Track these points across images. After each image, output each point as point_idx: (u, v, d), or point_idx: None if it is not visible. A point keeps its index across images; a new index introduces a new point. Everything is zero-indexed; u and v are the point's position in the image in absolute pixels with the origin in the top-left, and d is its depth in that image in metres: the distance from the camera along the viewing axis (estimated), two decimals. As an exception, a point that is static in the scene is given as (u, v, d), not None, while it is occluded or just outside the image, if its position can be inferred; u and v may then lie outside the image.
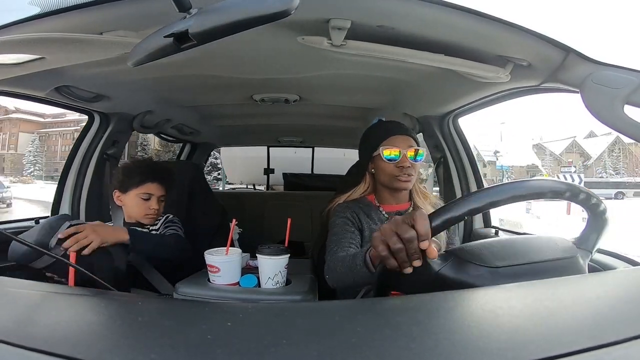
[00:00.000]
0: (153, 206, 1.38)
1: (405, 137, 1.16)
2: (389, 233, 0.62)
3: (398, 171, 1.12)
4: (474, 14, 0.80)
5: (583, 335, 0.35)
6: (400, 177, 1.12)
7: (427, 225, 0.61)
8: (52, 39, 0.83)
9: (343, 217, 1.14)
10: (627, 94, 0.76)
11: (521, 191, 0.65)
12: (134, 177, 1.39)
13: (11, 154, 11.10)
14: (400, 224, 0.61)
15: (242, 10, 0.49)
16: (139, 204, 1.38)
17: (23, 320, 0.41)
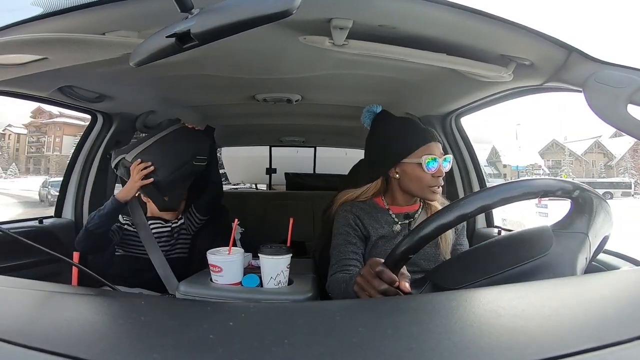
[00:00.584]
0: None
1: (438, 144, 1.10)
2: (367, 286, 0.72)
3: (434, 181, 1.07)
4: (476, 13, 0.80)
5: (585, 335, 0.35)
6: (434, 189, 1.08)
7: (389, 275, 0.68)
8: (55, 40, 0.84)
9: (345, 226, 1.11)
10: (631, 93, 0.76)
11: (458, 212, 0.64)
12: None
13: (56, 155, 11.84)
14: (371, 279, 0.71)
15: (243, 10, 0.49)
16: None
17: (26, 319, 0.41)
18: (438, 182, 1.08)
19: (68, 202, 1.78)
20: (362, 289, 0.74)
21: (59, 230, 1.68)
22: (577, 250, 0.68)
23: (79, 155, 1.78)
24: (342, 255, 1.08)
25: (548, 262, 0.65)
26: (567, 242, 0.68)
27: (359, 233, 1.11)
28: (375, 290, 0.70)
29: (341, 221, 1.12)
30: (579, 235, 0.69)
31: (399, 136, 1.11)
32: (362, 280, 0.74)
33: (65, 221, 1.75)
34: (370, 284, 0.71)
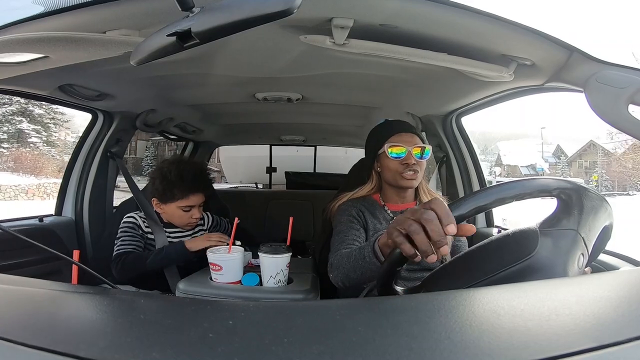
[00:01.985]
0: (195, 215, 1.38)
1: (410, 135, 1.16)
2: (404, 219, 0.56)
3: (403, 168, 1.12)
4: (477, 13, 0.80)
5: (585, 335, 0.35)
6: (404, 174, 1.12)
7: (447, 208, 0.56)
8: (56, 38, 0.84)
9: (348, 215, 1.13)
10: (632, 94, 0.76)
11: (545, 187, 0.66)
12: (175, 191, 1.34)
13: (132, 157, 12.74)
14: (416, 210, 0.56)
15: (244, 9, 0.49)
16: (181, 216, 1.37)
17: (25, 317, 0.41)
18: (407, 168, 1.12)
19: (68, 200, 1.78)
20: (394, 227, 0.58)
21: (59, 229, 1.68)
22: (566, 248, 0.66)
23: (79, 154, 1.78)
24: (345, 237, 1.07)
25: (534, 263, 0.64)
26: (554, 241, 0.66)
27: (361, 223, 1.14)
28: (414, 220, 0.55)
29: (343, 213, 1.15)
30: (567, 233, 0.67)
31: (376, 133, 1.22)
32: (401, 216, 0.59)
33: (65, 219, 1.76)
34: (414, 214, 0.56)
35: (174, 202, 1.35)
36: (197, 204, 1.37)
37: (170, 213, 1.38)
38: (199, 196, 1.37)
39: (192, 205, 1.36)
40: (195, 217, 1.38)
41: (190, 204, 1.36)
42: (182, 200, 1.35)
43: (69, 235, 1.72)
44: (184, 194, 1.34)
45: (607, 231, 0.73)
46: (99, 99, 1.53)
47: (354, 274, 0.88)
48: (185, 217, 1.37)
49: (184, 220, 1.39)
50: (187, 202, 1.35)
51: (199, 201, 1.37)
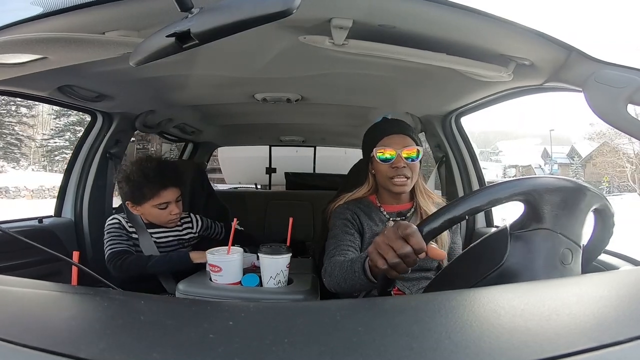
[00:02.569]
0: (174, 211, 1.33)
1: (401, 137, 1.12)
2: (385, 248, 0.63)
3: (393, 172, 1.09)
4: (476, 13, 0.80)
5: (585, 335, 0.35)
6: (394, 180, 1.09)
7: (419, 239, 0.62)
8: (55, 39, 0.84)
9: (343, 219, 1.12)
10: (630, 93, 0.76)
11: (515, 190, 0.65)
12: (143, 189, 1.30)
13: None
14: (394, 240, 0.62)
15: (243, 10, 0.49)
16: (159, 214, 1.33)
17: (25, 318, 0.41)
18: (397, 172, 1.09)
19: (68, 201, 1.78)
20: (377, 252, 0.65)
21: (58, 230, 1.68)
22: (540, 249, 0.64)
23: (79, 155, 1.78)
24: (340, 242, 1.06)
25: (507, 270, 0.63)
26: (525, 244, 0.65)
27: (356, 227, 1.12)
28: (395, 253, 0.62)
29: (338, 216, 1.14)
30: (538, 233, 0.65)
31: (369, 134, 1.19)
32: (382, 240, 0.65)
33: (65, 220, 1.75)
34: (390, 246, 0.62)
35: (146, 202, 1.30)
36: (172, 199, 1.32)
37: (148, 213, 1.34)
38: (171, 191, 1.32)
39: (166, 201, 1.31)
40: (174, 214, 1.33)
41: (163, 200, 1.31)
42: (154, 199, 1.30)
43: (69, 237, 1.72)
44: (153, 192, 1.29)
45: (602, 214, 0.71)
46: (98, 100, 1.53)
47: (344, 284, 0.89)
48: (164, 215, 1.33)
49: (164, 218, 1.34)
50: (159, 199, 1.30)
51: (173, 196, 1.32)
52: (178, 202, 1.35)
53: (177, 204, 1.35)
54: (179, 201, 1.36)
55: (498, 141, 26.51)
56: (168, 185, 1.31)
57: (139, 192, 1.30)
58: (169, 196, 1.32)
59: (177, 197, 1.35)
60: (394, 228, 0.64)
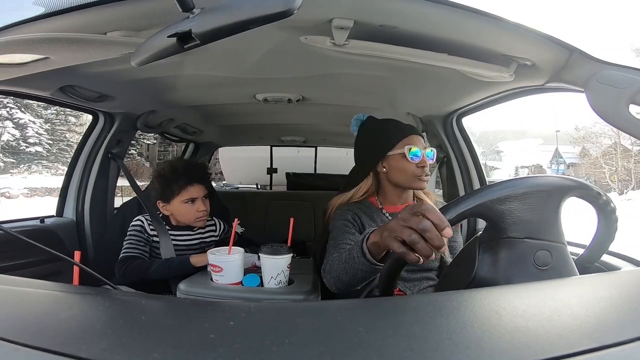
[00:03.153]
0: (201, 208, 1.37)
1: (419, 137, 1.16)
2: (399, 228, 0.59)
3: (419, 171, 1.11)
4: (477, 13, 0.80)
5: (586, 336, 0.35)
6: (422, 177, 1.12)
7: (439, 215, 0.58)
8: (56, 39, 0.84)
9: (343, 220, 1.12)
10: (632, 94, 0.76)
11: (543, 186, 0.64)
12: (172, 185, 1.36)
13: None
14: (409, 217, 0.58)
15: (245, 10, 0.49)
16: (187, 210, 1.37)
17: (27, 318, 0.41)
18: (423, 171, 1.12)
19: (69, 201, 1.78)
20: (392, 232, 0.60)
21: (60, 230, 1.68)
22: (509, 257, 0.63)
23: (81, 155, 1.78)
24: (339, 242, 1.05)
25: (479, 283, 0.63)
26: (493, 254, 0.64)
27: (356, 227, 1.12)
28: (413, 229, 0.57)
29: (339, 217, 1.14)
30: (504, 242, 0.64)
31: (383, 132, 1.19)
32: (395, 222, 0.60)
33: (66, 220, 1.76)
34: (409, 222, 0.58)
35: (175, 198, 1.37)
36: (199, 195, 1.38)
37: (177, 211, 1.39)
38: (198, 187, 1.38)
39: (193, 197, 1.37)
40: (201, 210, 1.37)
41: (190, 196, 1.36)
42: (182, 194, 1.36)
43: (70, 236, 1.73)
44: (181, 187, 1.36)
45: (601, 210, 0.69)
46: (99, 100, 1.53)
47: (345, 277, 0.87)
48: (191, 212, 1.37)
49: (191, 216, 1.38)
50: (187, 194, 1.36)
51: (200, 193, 1.38)
52: (205, 199, 1.41)
53: (204, 202, 1.40)
54: (206, 198, 1.41)
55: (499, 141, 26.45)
56: (194, 182, 1.38)
57: (169, 189, 1.37)
58: (196, 192, 1.37)
59: (204, 195, 1.40)
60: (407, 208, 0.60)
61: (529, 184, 0.64)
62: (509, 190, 0.63)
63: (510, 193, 0.63)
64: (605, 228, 0.72)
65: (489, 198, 0.63)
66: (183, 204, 1.37)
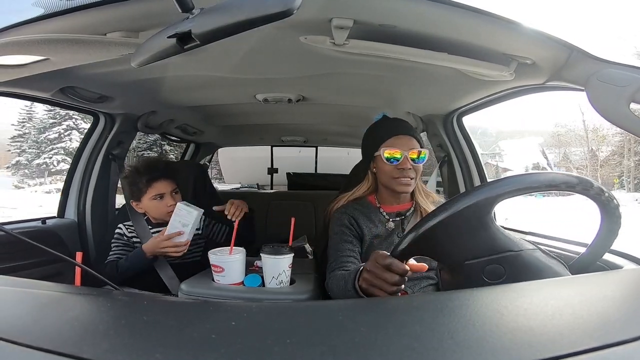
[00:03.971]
0: (169, 202, 1.40)
1: (407, 138, 1.12)
2: (379, 283, 0.70)
3: (398, 173, 1.09)
4: (477, 12, 0.80)
5: (588, 335, 0.35)
6: (400, 180, 1.09)
7: (399, 265, 0.68)
8: (56, 40, 0.84)
9: (340, 226, 1.12)
10: (633, 92, 0.76)
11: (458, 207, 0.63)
12: (138, 184, 1.41)
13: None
14: (382, 273, 0.69)
15: (244, 10, 0.49)
16: (156, 207, 1.41)
17: (29, 319, 0.41)
18: (402, 174, 1.09)
19: (70, 202, 1.79)
20: (371, 285, 0.72)
21: (61, 231, 1.69)
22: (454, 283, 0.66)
23: (82, 156, 1.79)
24: (339, 253, 1.07)
25: None
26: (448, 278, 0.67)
27: (354, 232, 1.12)
28: (389, 283, 0.69)
29: (336, 222, 1.14)
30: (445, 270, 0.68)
31: (373, 133, 1.18)
32: (370, 276, 0.72)
33: (68, 221, 1.76)
34: (380, 278, 0.70)
35: (143, 196, 1.41)
36: (166, 191, 1.41)
37: (149, 209, 1.43)
38: (164, 183, 1.42)
39: (161, 193, 1.41)
40: (171, 205, 1.39)
41: (157, 192, 1.40)
42: (149, 191, 1.40)
43: (72, 237, 1.73)
44: (146, 185, 1.40)
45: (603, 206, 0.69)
46: (100, 101, 1.53)
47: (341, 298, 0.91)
48: (162, 207, 1.41)
49: (162, 211, 1.41)
50: (153, 190, 1.40)
51: (167, 188, 1.42)
52: (175, 194, 1.45)
53: (174, 196, 1.43)
54: (176, 193, 1.45)
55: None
56: (159, 178, 1.42)
57: (136, 188, 1.42)
58: (162, 188, 1.41)
59: (173, 190, 1.44)
60: (375, 263, 0.71)
61: (447, 211, 0.63)
62: (432, 221, 0.63)
63: (433, 224, 0.63)
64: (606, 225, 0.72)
65: (417, 235, 0.65)
66: (152, 200, 1.41)
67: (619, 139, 20.08)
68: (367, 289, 0.74)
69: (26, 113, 23.77)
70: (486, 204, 0.63)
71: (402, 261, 0.68)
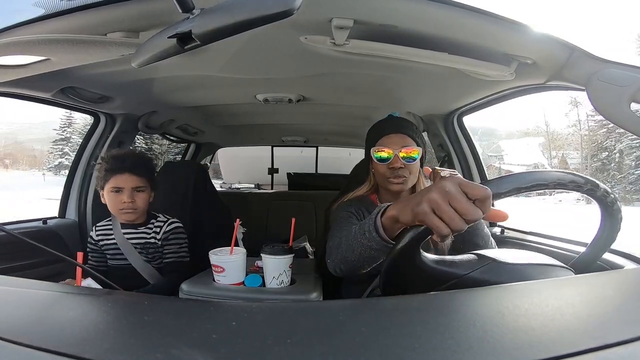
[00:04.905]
0: (124, 199, 1.27)
1: (400, 136, 1.09)
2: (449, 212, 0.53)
3: (389, 172, 1.08)
4: (478, 12, 0.80)
5: (589, 335, 0.35)
6: (391, 179, 1.08)
7: (486, 192, 0.53)
8: (57, 41, 0.84)
9: (347, 212, 1.10)
10: (634, 92, 0.76)
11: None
12: (102, 171, 1.29)
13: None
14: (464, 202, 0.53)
15: (245, 11, 0.49)
16: (111, 199, 1.29)
17: (30, 319, 0.41)
18: (393, 173, 1.08)
19: (71, 202, 1.79)
20: (436, 211, 0.54)
21: (62, 231, 1.69)
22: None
23: (82, 156, 1.79)
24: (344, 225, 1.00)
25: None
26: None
27: (360, 219, 1.09)
28: (463, 219, 0.52)
29: (342, 210, 1.12)
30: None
31: (369, 133, 1.18)
32: (443, 198, 0.53)
33: (69, 221, 1.76)
34: (459, 208, 0.52)
35: (105, 184, 1.29)
36: (126, 186, 1.28)
37: (107, 201, 1.31)
38: (128, 177, 1.28)
39: (119, 186, 1.28)
40: (124, 202, 1.27)
41: (116, 184, 1.27)
42: (109, 182, 1.28)
43: (73, 238, 1.73)
44: (108, 176, 1.28)
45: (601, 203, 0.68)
46: (100, 102, 1.53)
47: (352, 255, 0.79)
48: (115, 202, 1.28)
49: (114, 206, 1.29)
50: (113, 182, 1.27)
51: (128, 184, 1.28)
52: (139, 191, 1.31)
53: (135, 194, 1.30)
54: (140, 191, 1.31)
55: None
56: (124, 171, 1.28)
57: (102, 176, 1.30)
58: (122, 182, 1.28)
59: (137, 187, 1.30)
60: (456, 186, 0.54)
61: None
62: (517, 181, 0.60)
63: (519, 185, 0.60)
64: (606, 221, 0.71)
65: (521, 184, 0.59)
66: (109, 192, 1.29)
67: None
68: (427, 213, 0.54)
69: (66, 119, 26.87)
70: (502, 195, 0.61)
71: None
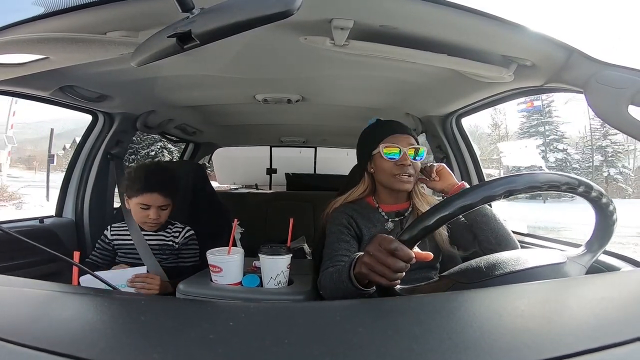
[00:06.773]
0: (151, 216, 1.35)
1: (405, 136, 1.14)
2: (381, 269, 0.66)
3: (398, 170, 1.10)
4: (477, 13, 0.80)
5: (586, 336, 0.35)
6: (400, 177, 1.10)
7: (406, 251, 0.64)
8: (56, 39, 0.84)
9: (338, 225, 1.11)
10: (632, 95, 0.76)
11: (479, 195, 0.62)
12: (135, 185, 1.36)
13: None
14: (386, 258, 0.64)
15: (244, 11, 0.49)
16: (138, 212, 1.37)
17: (26, 319, 0.41)
18: (402, 170, 1.10)
19: (69, 201, 1.78)
20: (372, 271, 0.67)
21: (59, 230, 1.68)
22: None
23: (80, 155, 1.78)
24: (335, 252, 1.06)
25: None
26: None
27: (352, 232, 1.11)
28: (392, 269, 0.64)
29: (334, 222, 1.13)
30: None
31: (370, 133, 1.20)
32: (372, 260, 0.67)
33: (65, 220, 1.76)
34: (383, 264, 0.65)
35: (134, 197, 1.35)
36: (154, 204, 1.34)
37: (133, 211, 1.39)
38: (155, 197, 1.34)
39: (147, 204, 1.34)
40: (150, 218, 1.35)
41: (144, 202, 1.34)
42: (138, 197, 1.34)
43: (70, 237, 1.72)
44: (138, 192, 1.34)
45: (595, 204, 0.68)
46: (99, 101, 1.53)
47: (337, 295, 0.87)
48: (140, 215, 1.36)
49: (139, 219, 1.38)
50: (141, 199, 1.34)
51: (156, 202, 1.34)
52: (163, 210, 1.37)
53: (160, 212, 1.37)
54: (164, 210, 1.38)
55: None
56: (155, 190, 1.34)
57: (132, 188, 1.36)
58: (151, 200, 1.34)
59: (163, 205, 1.36)
60: (378, 247, 0.66)
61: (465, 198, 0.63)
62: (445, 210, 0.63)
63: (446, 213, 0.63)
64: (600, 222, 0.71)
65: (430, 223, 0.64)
66: (136, 205, 1.36)
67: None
68: (366, 274, 0.69)
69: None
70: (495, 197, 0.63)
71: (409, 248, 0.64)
